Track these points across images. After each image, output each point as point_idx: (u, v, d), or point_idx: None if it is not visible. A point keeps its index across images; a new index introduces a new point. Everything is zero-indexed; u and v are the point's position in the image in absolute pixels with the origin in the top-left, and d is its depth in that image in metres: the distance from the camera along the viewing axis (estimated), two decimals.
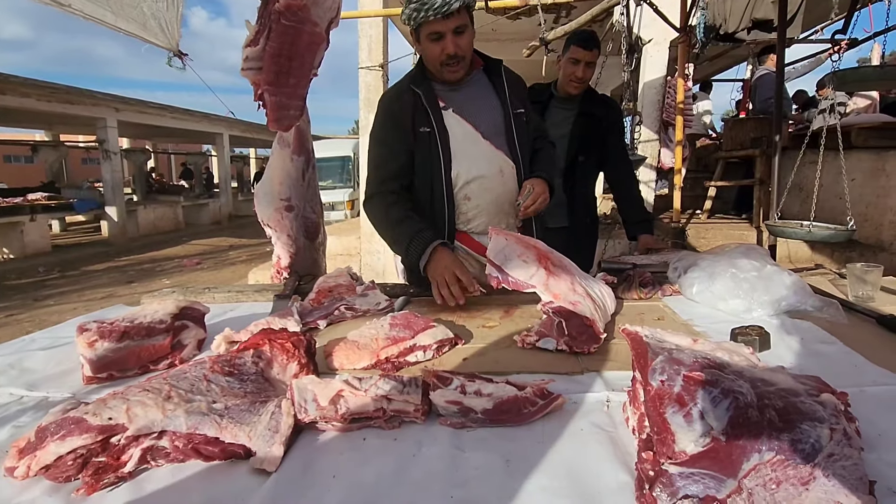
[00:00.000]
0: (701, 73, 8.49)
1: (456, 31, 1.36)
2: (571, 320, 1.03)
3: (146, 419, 0.66)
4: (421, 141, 1.46)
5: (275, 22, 1.34)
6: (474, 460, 0.66)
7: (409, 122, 1.46)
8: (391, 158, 1.50)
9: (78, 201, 11.58)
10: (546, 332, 1.03)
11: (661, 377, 0.65)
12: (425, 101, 1.45)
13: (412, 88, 1.47)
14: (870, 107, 5.72)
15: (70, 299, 6.64)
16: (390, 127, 1.50)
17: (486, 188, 1.49)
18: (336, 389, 0.75)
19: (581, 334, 1.01)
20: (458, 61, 1.41)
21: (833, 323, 1.08)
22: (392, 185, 1.50)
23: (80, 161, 21.59)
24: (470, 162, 1.47)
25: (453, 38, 1.37)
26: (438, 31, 1.36)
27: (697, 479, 0.53)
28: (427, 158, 1.47)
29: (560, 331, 1.02)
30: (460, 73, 1.45)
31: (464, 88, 1.52)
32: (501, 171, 1.50)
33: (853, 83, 3.03)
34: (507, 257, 1.15)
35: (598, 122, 2.15)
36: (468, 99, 1.51)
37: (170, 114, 13.64)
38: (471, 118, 1.48)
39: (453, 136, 1.46)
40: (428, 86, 1.48)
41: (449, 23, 1.34)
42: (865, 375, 0.84)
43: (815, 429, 0.56)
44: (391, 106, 1.51)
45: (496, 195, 1.50)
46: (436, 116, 1.45)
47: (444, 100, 1.48)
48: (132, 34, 2.23)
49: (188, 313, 1.10)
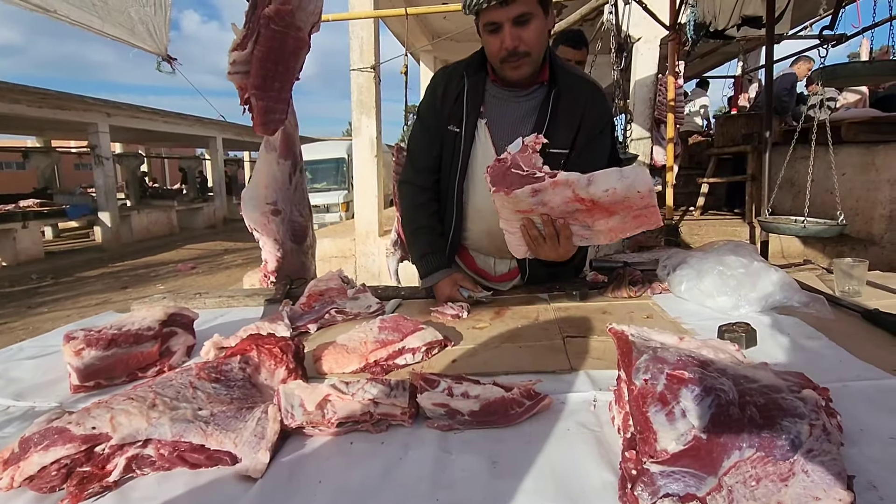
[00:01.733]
0: (692, 70, 8.54)
1: (517, 22, 1.16)
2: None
3: (130, 428, 0.66)
4: (448, 139, 1.37)
5: (263, 27, 1.35)
6: (461, 462, 0.67)
7: (447, 111, 1.35)
8: (428, 148, 1.41)
9: (71, 207, 11.52)
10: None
11: (644, 376, 0.66)
12: (467, 98, 1.32)
13: (464, 75, 1.34)
14: (860, 101, 5.77)
15: (64, 306, 6.60)
16: (432, 111, 1.39)
17: (481, 218, 1.41)
18: (323, 394, 0.75)
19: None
20: (519, 57, 1.21)
21: (819, 318, 1.09)
22: (422, 179, 1.44)
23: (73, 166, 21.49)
24: (474, 185, 1.38)
25: (513, 29, 1.17)
26: (495, 20, 1.17)
27: (678, 478, 0.53)
28: (448, 161, 1.38)
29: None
30: (524, 70, 1.24)
31: (513, 103, 1.33)
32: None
33: (843, 78, 3.06)
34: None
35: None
36: (511, 116, 1.33)
37: (162, 118, 13.59)
38: (498, 139, 1.33)
39: (475, 149, 1.35)
40: (479, 80, 1.33)
41: (508, 11, 1.14)
42: (849, 370, 0.85)
43: (795, 425, 0.56)
44: (436, 89, 1.38)
45: (489, 227, 1.39)
46: (469, 121, 1.33)
47: (487, 104, 1.34)
48: (120, 39, 2.22)
49: (177, 319, 1.10)
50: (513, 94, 1.33)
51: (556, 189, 1.03)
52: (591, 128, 1.32)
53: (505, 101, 1.34)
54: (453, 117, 1.35)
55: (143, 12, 2.23)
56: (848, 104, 5.74)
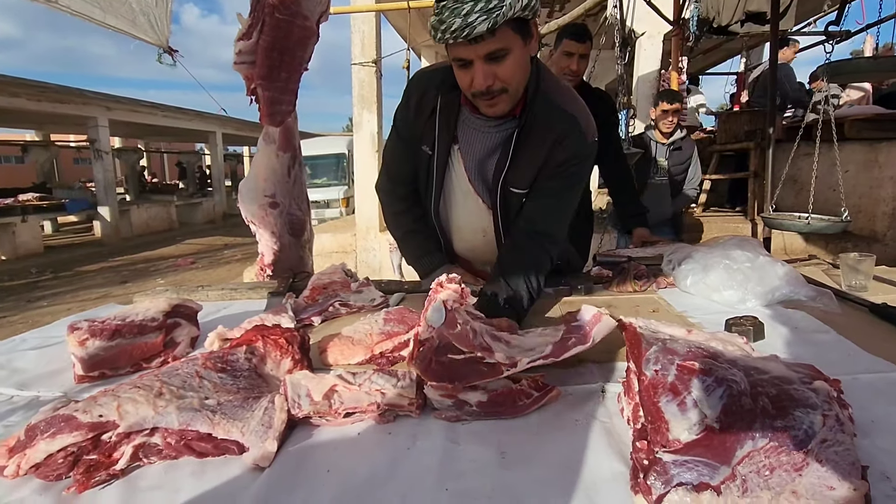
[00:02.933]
0: (694, 66, 8.50)
1: (490, 58, 1.00)
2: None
3: (137, 416, 0.65)
4: (420, 158, 1.28)
5: (268, 15, 1.33)
6: (469, 453, 0.66)
7: (419, 127, 1.25)
8: (401, 159, 1.35)
9: (70, 201, 11.50)
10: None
11: (655, 367, 0.65)
12: (439, 120, 1.20)
13: (440, 92, 1.19)
14: (863, 98, 5.74)
15: (63, 300, 6.60)
16: (405, 124, 1.29)
17: (463, 239, 1.39)
18: (330, 384, 0.75)
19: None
20: (494, 95, 1.05)
21: (826, 312, 1.09)
22: (401, 189, 1.39)
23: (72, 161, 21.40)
24: (452, 210, 1.33)
25: (485, 66, 1.00)
26: (463, 57, 1.01)
27: (691, 467, 0.53)
28: (423, 177, 1.30)
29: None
30: (502, 107, 1.09)
31: (483, 132, 1.20)
32: (484, 231, 1.34)
33: (847, 75, 3.05)
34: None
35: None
36: (484, 145, 1.21)
37: (161, 112, 13.56)
38: (471, 166, 1.24)
39: (447, 174, 1.27)
40: (453, 100, 1.18)
41: (478, 48, 0.98)
42: (858, 363, 0.84)
43: (807, 415, 0.56)
44: (410, 100, 1.25)
45: (473, 247, 1.39)
46: (441, 145, 1.22)
47: (460, 129, 1.22)
48: (121, 31, 2.21)
49: (181, 311, 1.09)
50: (483, 123, 1.19)
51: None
52: (552, 167, 1.17)
53: (476, 129, 1.21)
54: (426, 137, 1.24)
55: (144, 3, 2.21)
56: (851, 101, 5.72)
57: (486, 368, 0.74)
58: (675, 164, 3.04)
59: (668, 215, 3.07)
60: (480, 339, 0.76)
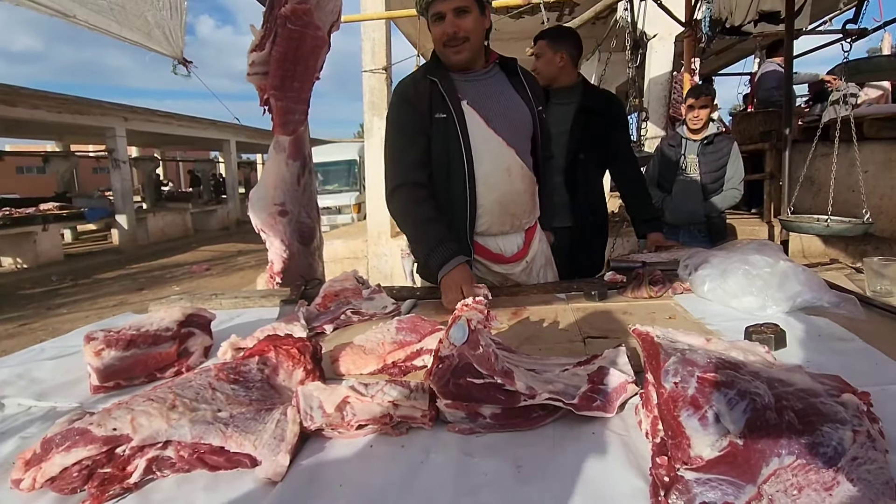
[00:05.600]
0: (707, 67, 8.40)
1: (458, 12, 1.37)
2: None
3: (151, 429, 0.65)
4: (437, 127, 1.43)
5: (280, 26, 1.35)
6: (484, 467, 0.65)
7: (425, 107, 1.43)
8: (410, 146, 1.46)
9: (89, 210, 11.75)
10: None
11: (674, 379, 0.64)
12: (442, 88, 1.43)
13: (428, 77, 1.45)
14: (881, 97, 5.62)
15: (82, 307, 6.72)
16: (407, 113, 1.46)
17: (491, 186, 1.46)
18: (342, 396, 0.74)
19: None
20: (458, 42, 1.40)
21: (851, 319, 1.05)
22: (414, 175, 1.45)
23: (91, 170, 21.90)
24: (478, 157, 1.44)
25: (453, 18, 1.37)
26: (439, 11, 1.37)
27: (715, 486, 0.51)
28: (443, 146, 1.44)
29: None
30: (463, 54, 1.42)
31: (480, 81, 1.49)
32: (509, 170, 1.46)
33: (866, 73, 2.98)
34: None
35: (599, 119, 2.12)
36: (484, 92, 1.48)
37: (177, 121, 13.81)
38: (483, 112, 1.44)
39: (469, 131, 1.43)
40: (444, 74, 1.46)
41: (450, 3, 1.36)
42: (887, 373, 0.81)
43: (836, 431, 0.54)
44: (406, 91, 1.48)
45: (501, 194, 1.47)
46: (453, 103, 1.42)
47: (460, 90, 1.45)
48: (137, 43, 2.25)
49: (194, 320, 1.10)
50: (476, 75, 1.49)
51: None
52: (539, 89, 1.61)
53: (473, 83, 1.48)
54: (436, 108, 1.43)
55: (159, 16, 2.25)
56: (869, 100, 5.60)
57: (504, 396, 0.72)
58: (707, 161, 2.89)
59: (699, 217, 2.90)
60: (502, 364, 0.75)
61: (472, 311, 0.81)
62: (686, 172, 2.94)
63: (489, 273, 1.53)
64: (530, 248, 1.54)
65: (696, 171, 2.92)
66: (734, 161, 2.89)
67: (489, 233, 1.50)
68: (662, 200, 2.98)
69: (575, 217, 2.16)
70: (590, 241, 2.24)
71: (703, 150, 2.90)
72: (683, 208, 2.91)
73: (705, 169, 2.90)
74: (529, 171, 1.50)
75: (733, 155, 2.90)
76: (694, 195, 2.89)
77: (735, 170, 2.89)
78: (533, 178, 1.52)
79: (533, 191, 1.53)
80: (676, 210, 2.93)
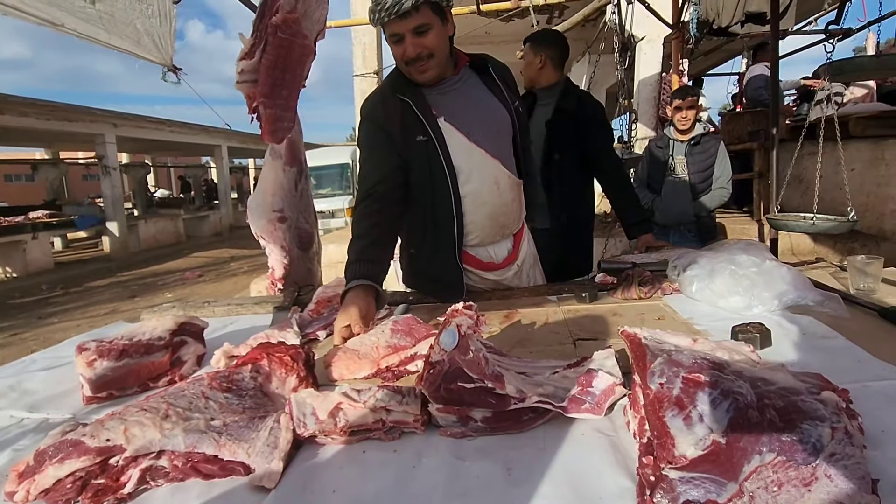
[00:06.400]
0: (696, 68, 8.48)
1: (416, 32, 1.24)
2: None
3: (144, 439, 0.66)
4: (417, 150, 1.35)
5: (271, 35, 1.36)
6: (475, 470, 0.66)
7: (397, 129, 1.35)
8: (375, 168, 1.37)
9: (79, 218, 11.63)
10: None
11: (660, 380, 0.65)
12: (417, 109, 1.34)
13: (398, 96, 1.35)
14: (867, 96, 5.70)
15: (73, 316, 6.65)
16: (375, 134, 1.39)
17: (482, 202, 1.41)
18: (335, 402, 0.75)
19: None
20: (422, 60, 1.29)
21: (835, 317, 1.07)
22: (375, 198, 1.33)
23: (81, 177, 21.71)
24: (464, 175, 1.38)
25: (413, 38, 1.25)
26: (396, 32, 1.25)
27: (698, 484, 0.52)
28: (426, 168, 1.36)
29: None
30: (430, 72, 1.32)
31: (453, 90, 1.40)
32: (497, 183, 1.41)
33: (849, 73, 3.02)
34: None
35: (570, 119, 2.12)
36: (459, 103, 1.39)
37: (167, 127, 13.72)
38: (463, 126, 1.37)
39: (449, 146, 1.35)
40: (415, 91, 1.36)
41: (406, 23, 1.22)
42: (868, 370, 0.83)
43: (816, 428, 0.55)
44: (374, 113, 1.40)
45: (491, 209, 1.42)
46: (431, 124, 1.34)
47: (435, 106, 1.36)
48: (126, 51, 2.24)
49: (187, 329, 1.10)
50: (448, 85, 1.39)
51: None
52: (512, 81, 1.53)
53: (447, 94, 1.39)
54: (411, 130, 1.35)
55: (148, 24, 2.25)
56: (855, 99, 5.68)
57: (494, 400, 0.73)
58: (695, 161, 2.92)
59: (689, 217, 2.93)
60: (493, 369, 0.76)
61: (462, 316, 0.82)
62: (675, 173, 2.97)
63: (481, 281, 1.53)
64: (520, 251, 1.55)
65: (685, 171, 2.95)
66: (721, 161, 2.92)
67: (481, 244, 1.48)
68: (652, 201, 3.01)
69: (552, 218, 2.16)
70: (568, 242, 2.22)
71: (691, 150, 2.93)
72: (673, 209, 2.94)
73: (693, 169, 2.93)
74: (515, 178, 1.47)
75: (720, 154, 2.93)
76: (683, 195, 2.92)
77: (723, 169, 2.92)
78: (519, 183, 1.49)
79: (520, 195, 1.51)
80: (666, 211, 2.96)
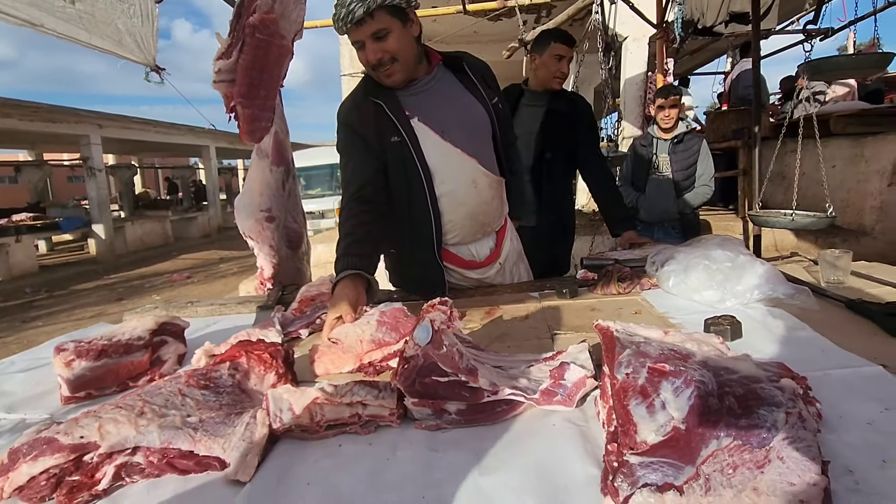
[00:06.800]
0: (682, 67, 8.57)
1: (375, 37, 1.25)
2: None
3: (119, 436, 0.66)
4: (392, 152, 1.37)
5: (248, 35, 1.36)
6: (448, 461, 0.67)
7: (372, 132, 1.36)
8: (355, 173, 1.39)
9: (64, 220, 11.47)
10: None
11: (626, 370, 0.67)
12: (389, 111, 1.34)
13: (371, 99, 1.36)
14: (848, 94, 5.80)
15: (59, 319, 6.57)
16: (351, 140, 1.40)
17: (459, 203, 1.41)
18: (311, 398, 0.76)
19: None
20: (386, 65, 1.29)
21: (804, 309, 1.10)
22: (359, 200, 1.37)
23: (66, 179, 21.39)
24: (440, 175, 1.38)
25: (373, 44, 1.26)
26: (357, 39, 1.27)
27: (657, 468, 0.54)
28: (401, 169, 1.38)
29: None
30: (396, 76, 1.32)
31: (427, 90, 1.39)
32: (475, 183, 1.41)
33: (827, 72, 3.08)
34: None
35: (564, 119, 2.16)
36: (434, 102, 1.39)
37: (154, 128, 13.57)
38: (438, 125, 1.37)
39: (423, 147, 1.36)
40: (387, 93, 1.36)
41: (364, 30, 1.24)
42: (831, 359, 0.86)
43: (772, 413, 0.57)
44: (349, 118, 1.40)
45: (470, 209, 1.43)
46: (403, 125, 1.35)
47: (407, 107, 1.36)
48: (107, 51, 2.22)
49: (168, 328, 1.10)
50: (421, 84, 1.39)
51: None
52: (491, 78, 1.51)
53: (419, 95, 1.39)
54: (386, 132, 1.36)
55: (130, 24, 2.23)
56: (836, 97, 5.78)
57: (468, 393, 0.75)
58: (678, 159, 2.97)
59: (673, 214, 2.97)
60: (467, 363, 0.78)
61: (437, 312, 0.83)
62: (658, 171, 3.01)
63: (464, 279, 1.53)
64: (503, 249, 1.56)
65: (668, 169, 2.99)
66: (704, 158, 2.97)
67: (462, 243, 1.49)
68: (637, 199, 3.04)
69: (538, 216, 2.19)
70: (552, 240, 2.26)
71: (674, 148, 2.98)
72: (657, 206, 2.98)
73: (677, 167, 2.97)
74: (495, 176, 1.47)
75: (703, 152, 2.98)
76: (667, 193, 2.97)
77: (705, 167, 2.97)
78: (499, 181, 1.49)
79: (501, 193, 1.52)
80: (650, 208, 3.00)
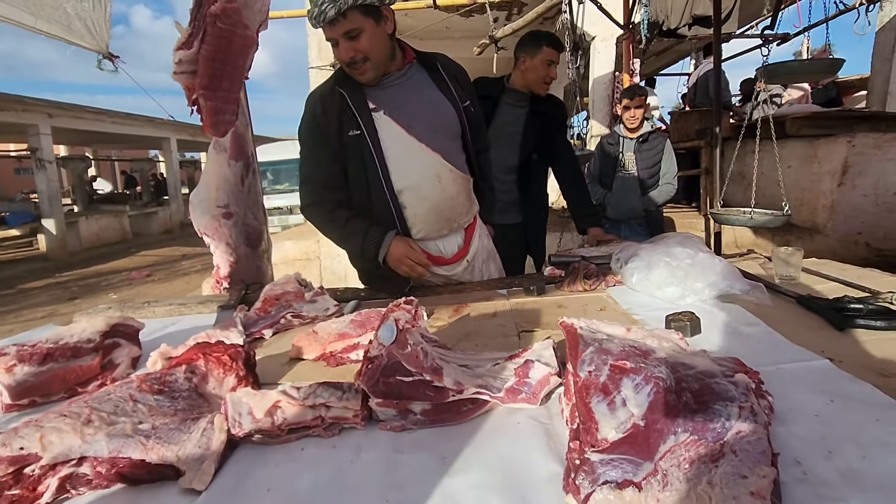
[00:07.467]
0: (648, 68, 8.79)
1: (347, 36, 1.28)
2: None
3: (62, 446, 0.62)
4: (350, 145, 1.38)
5: (210, 25, 1.30)
6: (412, 462, 0.67)
7: (333, 125, 1.37)
8: (318, 168, 1.42)
9: (10, 214, 10.85)
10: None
11: (588, 368, 0.68)
12: (351, 103, 1.36)
13: (337, 89, 1.38)
14: (803, 97, 6.09)
15: (6, 320, 6.20)
16: (313, 133, 1.41)
17: (422, 197, 1.42)
18: (273, 401, 0.73)
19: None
20: (359, 63, 1.32)
21: (759, 305, 1.15)
22: (326, 195, 1.43)
23: (12, 171, 20.14)
24: (403, 169, 1.40)
25: (345, 43, 1.29)
26: (330, 37, 1.30)
27: (616, 465, 0.55)
28: (360, 163, 1.39)
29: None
30: (368, 74, 1.34)
31: (397, 85, 1.41)
32: (439, 177, 1.42)
33: (782, 76, 3.22)
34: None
35: (548, 121, 2.21)
36: (403, 97, 1.40)
37: (109, 118, 12.93)
38: (404, 119, 1.38)
39: (384, 140, 1.38)
40: (354, 85, 1.38)
41: (336, 29, 1.27)
42: (784, 353, 0.89)
43: (726, 408, 0.59)
44: (314, 110, 1.40)
45: (433, 203, 1.44)
46: (364, 118, 1.36)
47: (373, 100, 1.38)
48: (55, 36, 2.10)
49: (120, 330, 1.05)
50: (392, 80, 1.41)
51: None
52: (466, 82, 1.54)
53: (388, 90, 1.40)
54: (346, 125, 1.37)
55: (80, 7, 2.11)
56: (792, 100, 6.06)
57: (433, 392, 0.74)
58: (643, 158, 3.06)
59: (639, 211, 3.06)
60: (431, 362, 0.77)
61: (401, 311, 0.82)
62: (625, 169, 3.09)
63: (432, 275, 1.53)
64: (471, 247, 1.56)
65: (634, 167, 3.07)
66: (668, 157, 3.06)
67: (428, 238, 1.49)
68: (604, 196, 3.11)
69: (525, 214, 2.23)
70: (537, 238, 2.36)
71: (640, 147, 3.05)
72: (623, 204, 3.05)
73: (642, 165, 3.06)
74: (461, 173, 1.48)
75: (667, 151, 3.07)
76: (632, 191, 3.05)
77: (669, 166, 3.06)
78: (466, 178, 1.50)
79: (468, 190, 1.53)
80: (617, 206, 3.07)
